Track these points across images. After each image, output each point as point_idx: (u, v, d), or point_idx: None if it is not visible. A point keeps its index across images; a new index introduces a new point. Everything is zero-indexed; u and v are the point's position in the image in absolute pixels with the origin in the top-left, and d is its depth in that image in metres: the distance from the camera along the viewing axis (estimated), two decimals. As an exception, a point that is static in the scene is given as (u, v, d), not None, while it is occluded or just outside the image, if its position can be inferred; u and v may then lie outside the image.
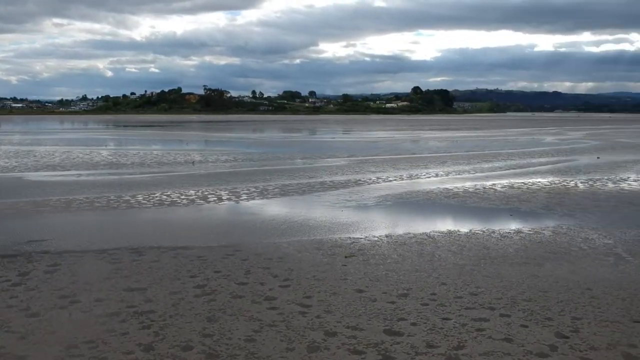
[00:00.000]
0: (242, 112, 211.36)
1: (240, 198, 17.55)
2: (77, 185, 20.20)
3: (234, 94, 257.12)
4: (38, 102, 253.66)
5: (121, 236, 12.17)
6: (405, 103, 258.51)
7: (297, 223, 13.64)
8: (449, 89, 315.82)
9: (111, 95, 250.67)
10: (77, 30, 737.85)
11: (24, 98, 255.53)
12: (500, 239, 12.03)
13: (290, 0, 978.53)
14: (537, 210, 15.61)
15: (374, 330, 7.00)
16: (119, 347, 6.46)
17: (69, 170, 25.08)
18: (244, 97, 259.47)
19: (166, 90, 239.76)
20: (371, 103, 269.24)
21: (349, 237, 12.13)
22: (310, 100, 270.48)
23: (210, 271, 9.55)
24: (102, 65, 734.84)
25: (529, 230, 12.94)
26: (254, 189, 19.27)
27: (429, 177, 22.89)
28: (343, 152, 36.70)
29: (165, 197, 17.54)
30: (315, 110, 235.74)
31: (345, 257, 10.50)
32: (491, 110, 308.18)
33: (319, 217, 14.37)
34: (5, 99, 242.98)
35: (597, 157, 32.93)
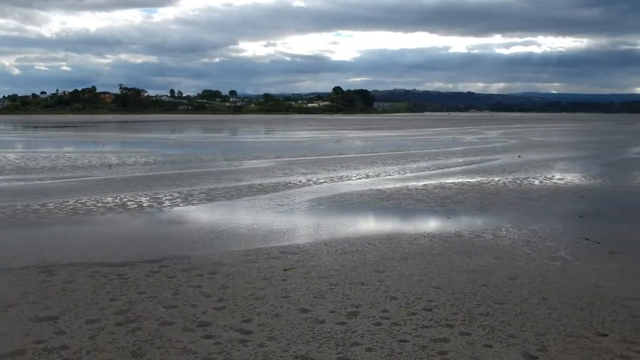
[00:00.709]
0: (161, 111, 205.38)
1: (163, 205, 16.31)
2: (-22, 193, 18.22)
3: (151, 93, 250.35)
4: None
5: (29, 252, 10.76)
6: (326, 103, 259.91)
7: (227, 232, 12.64)
8: (369, 89, 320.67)
9: (19, 95, 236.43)
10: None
11: None
12: (443, 244, 11.53)
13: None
14: (472, 212, 15.34)
15: (327, 359, 6.20)
16: (23, 398, 5.33)
17: (-31, 176, 22.81)
18: (162, 96, 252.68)
19: (79, 89, 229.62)
20: (293, 103, 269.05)
21: (286, 247, 11.26)
22: (231, 99, 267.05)
23: (133, 292, 8.44)
24: (8, 62, 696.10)
25: (469, 234, 12.53)
26: (177, 194, 18.03)
27: (360, 179, 22.34)
28: (269, 152, 35.73)
29: (79, 205, 16.03)
30: (237, 109, 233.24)
31: (284, 270, 9.63)
32: (409, 110, 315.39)
33: (250, 225, 13.42)
34: None
35: (519, 156, 33.60)
